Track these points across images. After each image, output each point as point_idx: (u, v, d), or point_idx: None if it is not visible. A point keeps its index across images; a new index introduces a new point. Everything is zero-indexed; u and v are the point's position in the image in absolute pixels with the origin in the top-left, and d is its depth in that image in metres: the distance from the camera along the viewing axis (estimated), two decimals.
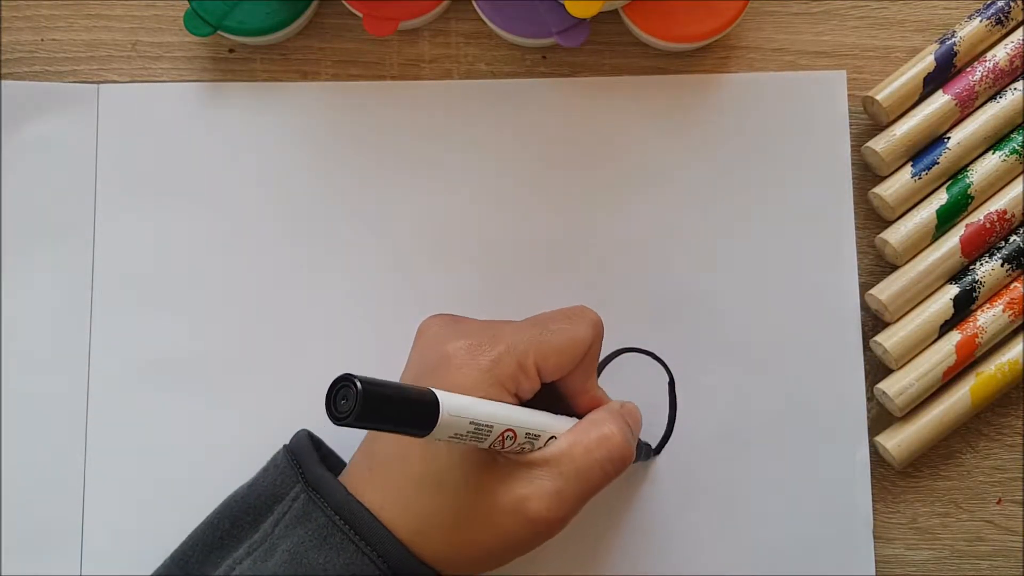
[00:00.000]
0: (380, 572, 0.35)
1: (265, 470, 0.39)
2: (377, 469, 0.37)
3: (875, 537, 0.44)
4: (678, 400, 0.44)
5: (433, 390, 0.32)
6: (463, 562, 0.36)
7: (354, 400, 0.29)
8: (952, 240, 0.44)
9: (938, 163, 0.44)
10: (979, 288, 0.43)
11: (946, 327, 0.43)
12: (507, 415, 0.35)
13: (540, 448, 0.37)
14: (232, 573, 0.36)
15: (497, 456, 0.36)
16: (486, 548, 0.36)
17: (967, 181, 0.44)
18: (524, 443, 0.36)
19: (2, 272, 0.45)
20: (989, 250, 0.44)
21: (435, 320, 0.39)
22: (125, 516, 0.44)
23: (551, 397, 0.39)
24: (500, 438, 0.35)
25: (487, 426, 0.34)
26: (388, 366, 0.44)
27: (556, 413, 0.39)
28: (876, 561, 0.43)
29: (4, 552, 0.43)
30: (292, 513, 0.37)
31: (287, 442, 0.40)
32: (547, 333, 0.37)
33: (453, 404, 0.32)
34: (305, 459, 0.38)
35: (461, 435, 0.33)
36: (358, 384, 0.29)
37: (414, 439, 0.33)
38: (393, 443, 0.36)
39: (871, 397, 0.44)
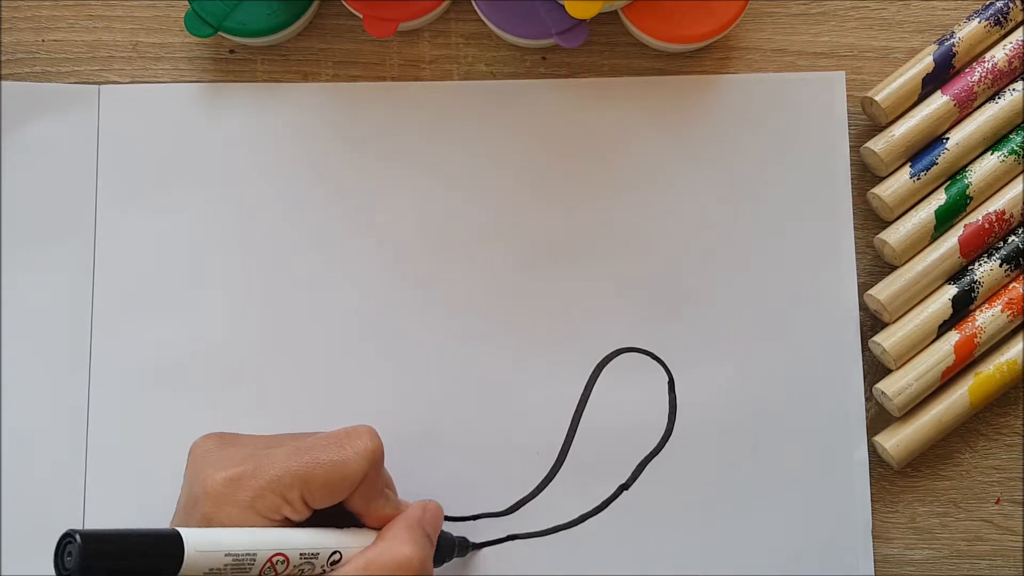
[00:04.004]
0: None
1: None
2: None
3: (874, 537, 0.44)
4: (678, 400, 0.44)
5: (179, 529, 0.31)
6: None
7: (77, 556, 0.28)
8: (951, 240, 0.44)
9: (937, 164, 0.44)
10: (978, 288, 0.43)
11: (945, 327, 0.43)
12: (274, 540, 0.34)
13: (324, 567, 0.36)
14: None
15: None
16: None
17: (966, 182, 0.44)
18: (302, 564, 0.35)
19: (2, 272, 0.45)
20: (988, 250, 0.44)
21: (204, 443, 0.38)
22: (125, 516, 0.44)
23: (344, 511, 0.38)
24: (269, 564, 0.34)
25: (248, 555, 0.33)
26: (388, 365, 0.45)
27: (353, 524, 0.38)
28: (875, 561, 0.44)
29: (4, 552, 0.43)
30: None
31: None
32: (315, 465, 0.35)
33: (202, 539, 0.31)
34: None
35: (218, 569, 0.32)
36: (77, 538, 0.28)
37: None
38: None
39: (870, 397, 0.45)
